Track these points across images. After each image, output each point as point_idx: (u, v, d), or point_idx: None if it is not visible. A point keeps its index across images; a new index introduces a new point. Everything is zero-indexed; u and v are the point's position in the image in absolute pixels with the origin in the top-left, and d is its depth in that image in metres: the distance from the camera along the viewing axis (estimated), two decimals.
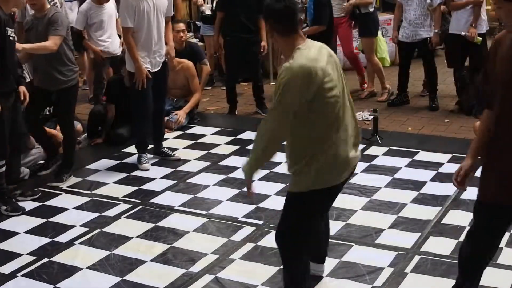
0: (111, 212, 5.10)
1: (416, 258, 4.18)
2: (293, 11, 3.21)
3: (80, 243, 4.60)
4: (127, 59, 5.87)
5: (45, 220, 5.00)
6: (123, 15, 5.73)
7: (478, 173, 5.59)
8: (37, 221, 4.98)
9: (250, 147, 6.58)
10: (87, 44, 7.63)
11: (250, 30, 7.60)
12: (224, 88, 8.74)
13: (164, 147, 6.32)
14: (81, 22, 7.42)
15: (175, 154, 6.28)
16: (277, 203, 5.11)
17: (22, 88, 5.18)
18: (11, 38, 4.87)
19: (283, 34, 3.24)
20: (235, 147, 6.51)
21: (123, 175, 5.89)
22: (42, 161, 5.99)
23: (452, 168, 5.66)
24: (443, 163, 5.80)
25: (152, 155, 6.29)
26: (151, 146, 6.30)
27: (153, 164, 6.13)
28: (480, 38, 7.22)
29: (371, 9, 7.98)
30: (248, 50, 7.66)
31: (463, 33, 7.27)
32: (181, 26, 7.60)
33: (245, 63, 7.78)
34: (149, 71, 5.82)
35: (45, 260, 4.37)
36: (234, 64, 7.79)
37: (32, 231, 4.82)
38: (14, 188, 5.33)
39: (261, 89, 7.90)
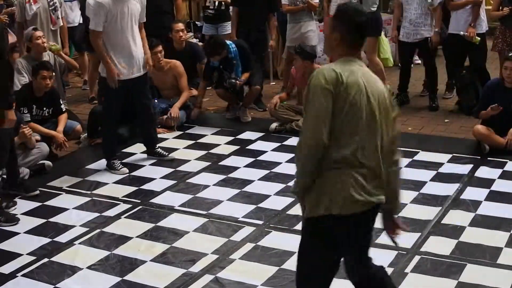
0: (111, 212, 5.10)
1: (416, 258, 4.18)
2: (367, 26, 3.06)
3: (80, 243, 4.60)
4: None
5: (45, 220, 5.00)
6: (94, 18, 5.57)
7: (477, 173, 5.63)
8: (37, 221, 4.98)
9: (251, 147, 6.63)
10: None
11: (259, 28, 7.71)
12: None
13: (158, 148, 6.28)
14: None
15: (169, 154, 6.26)
16: (277, 203, 5.12)
17: None
18: None
19: (349, 46, 3.02)
20: (235, 147, 6.51)
21: (123, 175, 5.88)
22: (43, 161, 5.98)
23: (452, 168, 5.69)
24: (443, 163, 5.80)
25: (146, 156, 6.29)
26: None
27: (153, 164, 6.13)
28: (479, 38, 7.22)
29: (373, 9, 7.97)
30: (255, 47, 7.72)
31: (461, 33, 7.28)
32: (180, 26, 7.61)
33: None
34: (129, 78, 5.71)
35: (45, 260, 4.37)
36: None
37: (32, 231, 4.82)
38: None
39: (261, 86, 7.91)
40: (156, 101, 7.17)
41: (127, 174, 5.88)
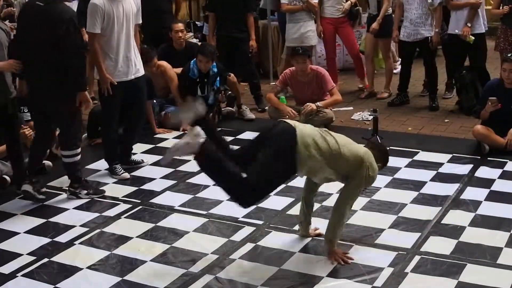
0: (111, 212, 5.10)
1: (416, 258, 4.18)
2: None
3: (80, 243, 4.59)
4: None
5: (45, 220, 5.00)
6: (90, 19, 5.49)
7: (477, 173, 5.63)
8: (37, 221, 4.98)
9: None
10: None
11: (239, 29, 7.73)
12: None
13: (132, 158, 6.17)
14: None
15: (143, 161, 6.20)
16: (277, 203, 5.12)
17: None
18: None
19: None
20: (235, 147, 6.49)
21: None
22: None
23: (452, 168, 5.69)
24: (443, 163, 5.80)
25: (146, 156, 6.30)
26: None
27: (153, 164, 6.13)
28: (473, 38, 7.23)
29: (389, 11, 7.99)
30: (238, 48, 7.76)
31: (456, 31, 7.30)
32: (180, 26, 7.62)
33: (237, 61, 7.83)
34: (123, 80, 5.64)
35: (45, 260, 4.37)
36: (225, 63, 7.84)
37: (32, 231, 4.82)
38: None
39: (258, 86, 7.94)
40: (155, 101, 7.18)
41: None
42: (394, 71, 8.58)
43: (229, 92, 7.32)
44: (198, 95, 7.17)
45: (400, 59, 8.45)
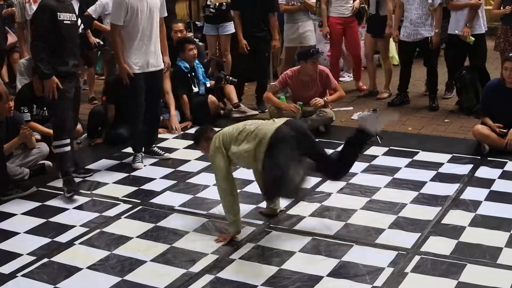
0: (111, 212, 5.10)
1: (416, 258, 4.18)
2: None
3: (80, 243, 4.60)
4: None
5: (45, 220, 5.00)
6: (114, 12, 5.71)
7: (477, 173, 5.63)
8: (37, 221, 4.98)
9: None
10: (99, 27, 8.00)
11: (261, 28, 7.73)
12: None
13: (155, 147, 6.32)
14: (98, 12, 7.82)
15: (165, 153, 6.29)
16: None
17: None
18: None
19: None
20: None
21: (123, 175, 5.89)
22: (43, 161, 5.98)
23: (452, 168, 5.69)
24: (443, 163, 5.80)
25: (146, 156, 6.29)
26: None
27: (153, 164, 6.13)
28: (473, 38, 7.24)
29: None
30: (258, 47, 7.75)
31: (456, 32, 7.30)
32: (180, 26, 7.61)
33: (254, 60, 7.82)
34: (145, 72, 5.79)
35: (45, 260, 4.37)
36: (244, 61, 7.83)
37: (32, 231, 4.82)
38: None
39: (265, 88, 7.92)
40: None
41: (127, 174, 5.88)
42: (341, 79, 8.82)
43: (231, 78, 7.35)
44: (193, 90, 7.33)
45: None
